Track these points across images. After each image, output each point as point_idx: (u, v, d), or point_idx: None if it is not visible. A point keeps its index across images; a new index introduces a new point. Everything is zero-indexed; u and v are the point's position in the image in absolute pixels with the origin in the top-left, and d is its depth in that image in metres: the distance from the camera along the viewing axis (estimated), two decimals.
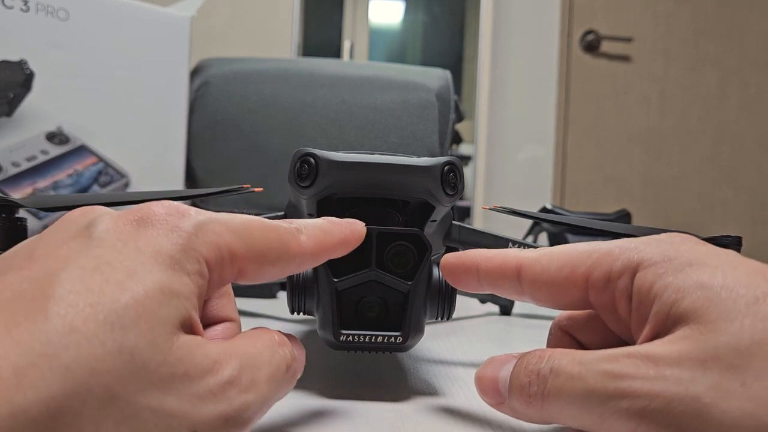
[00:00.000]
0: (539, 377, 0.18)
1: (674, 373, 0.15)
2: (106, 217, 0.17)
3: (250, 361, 0.17)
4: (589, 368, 0.17)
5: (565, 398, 0.17)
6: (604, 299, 0.19)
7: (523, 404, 0.18)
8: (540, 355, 0.18)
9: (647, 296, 0.18)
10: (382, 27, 2.04)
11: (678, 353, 0.16)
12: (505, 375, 0.19)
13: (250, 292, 0.52)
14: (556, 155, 1.72)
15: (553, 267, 0.20)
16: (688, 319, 0.16)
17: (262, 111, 0.61)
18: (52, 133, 0.49)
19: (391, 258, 0.24)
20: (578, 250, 0.20)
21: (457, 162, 0.25)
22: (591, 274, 0.19)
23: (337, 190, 0.25)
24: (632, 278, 0.18)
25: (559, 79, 1.72)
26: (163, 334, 0.15)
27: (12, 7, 0.46)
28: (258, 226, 0.19)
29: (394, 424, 0.22)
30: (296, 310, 0.25)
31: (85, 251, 0.16)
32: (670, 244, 0.18)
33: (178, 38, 0.55)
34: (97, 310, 0.14)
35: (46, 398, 0.12)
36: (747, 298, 0.16)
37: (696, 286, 0.16)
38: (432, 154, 0.59)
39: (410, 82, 0.62)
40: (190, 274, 0.16)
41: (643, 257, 0.18)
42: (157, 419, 0.14)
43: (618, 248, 0.19)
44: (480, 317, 0.50)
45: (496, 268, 0.21)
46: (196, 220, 0.17)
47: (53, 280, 0.14)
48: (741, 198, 1.77)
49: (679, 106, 1.75)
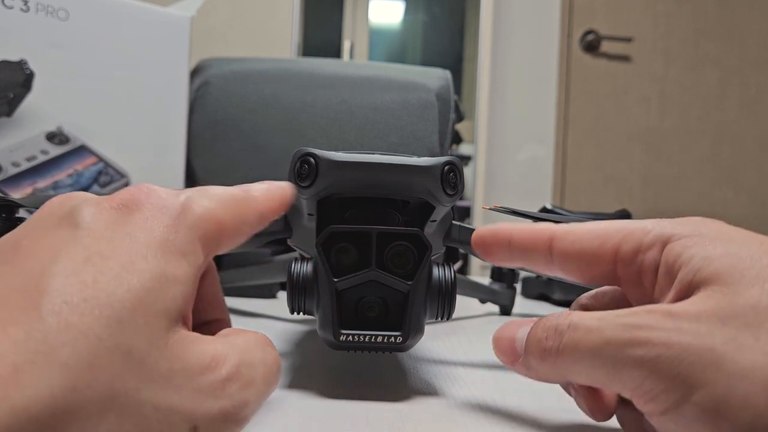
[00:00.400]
0: (557, 332, 0.18)
1: (692, 327, 0.16)
2: (89, 204, 0.17)
3: (247, 359, 0.17)
4: (608, 321, 0.17)
5: (581, 351, 0.17)
6: (630, 272, 0.20)
7: (538, 359, 0.19)
8: (560, 314, 0.19)
9: (674, 265, 0.18)
10: (382, 27, 2.04)
11: (698, 310, 0.16)
12: (522, 335, 0.20)
13: (250, 292, 0.52)
14: (556, 155, 1.72)
15: (585, 239, 0.21)
16: (712, 281, 0.17)
17: (262, 111, 0.61)
18: (52, 133, 0.49)
19: (391, 258, 0.24)
20: (610, 226, 0.21)
21: (457, 162, 0.25)
22: (621, 248, 0.20)
23: (337, 189, 0.25)
24: (662, 250, 0.19)
25: (559, 79, 1.72)
26: (159, 328, 0.15)
27: (12, 7, 0.46)
28: (233, 192, 0.19)
29: (394, 424, 0.22)
30: (296, 310, 0.25)
31: (74, 242, 0.15)
32: (701, 223, 0.19)
33: (178, 38, 0.55)
34: (92, 304, 0.14)
35: (46, 396, 0.12)
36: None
37: (722, 255, 0.17)
38: (432, 154, 0.59)
39: (410, 82, 0.62)
40: (186, 254, 0.16)
41: (675, 231, 0.19)
42: (159, 414, 0.14)
43: (651, 223, 0.20)
44: (480, 317, 0.50)
45: (528, 239, 0.22)
46: (181, 198, 0.17)
47: (45, 274, 0.14)
48: (741, 198, 1.77)
49: (679, 106, 1.75)
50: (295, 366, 0.30)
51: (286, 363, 0.31)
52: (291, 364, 0.31)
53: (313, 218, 0.27)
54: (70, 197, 0.17)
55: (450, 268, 0.26)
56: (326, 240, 0.24)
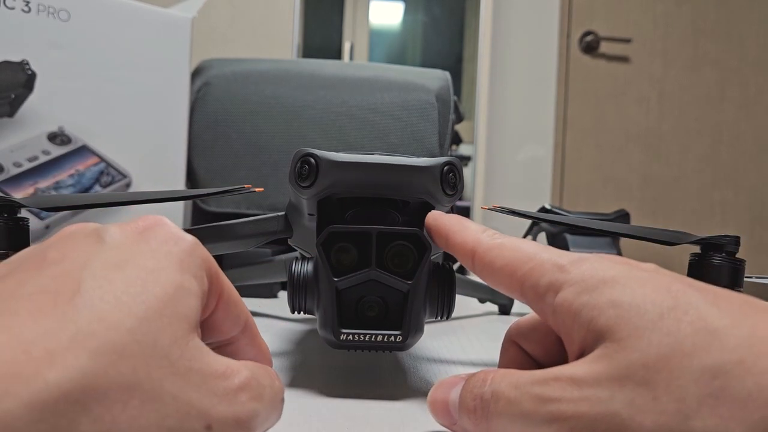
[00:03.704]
0: (483, 401, 0.19)
1: (595, 393, 0.16)
2: (112, 226, 0.18)
3: (257, 376, 0.18)
4: (523, 392, 0.18)
5: (507, 420, 0.18)
6: (536, 309, 0.21)
7: (473, 425, 0.19)
8: (483, 379, 0.19)
9: (568, 314, 0.19)
10: (382, 28, 2.04)
11: (597, 373, 0.17)
12: (454, 397, 0.20)
13: (250, 291, 0.52)
14: (555, 155, 1.72)
15: (498, 263, 0.21)
16: (604, 337, 0.17)
17: (263, 112, 0.61)
18: (54, 134, 0.49)
19: (390, 257, 0.25)
20: (522, 252, 0.21)
21: (456, 162, 0.26)
22: (524, 283, 0.20)
23: (337, 190, 0.25)
24: (555, 296, 0.19)
25: (558, 79, 1.72)
26: (182, 330, 0.16)
27: (13, 8, 0.47)
28: None
29: (394, 424, 0.22)
30: (297, 309, 0.26)
31: (102, 253, 0.16)
32: (591, 263, 0.19)
33: (179, 39, 0.55)
34: (122, 302, 0.15)
35: (78, 375, 0.13)
36: (653, 314, 0.17)
37: (609, 304, 0.18)
38: (432, 154, 0.60)
39: (410, 83, 0.62)
40: (196, 277, 0.18)
41: (566, 278, 0.19)
42: (177, 405, 0.15)
43: (549, 262, 0.20)
44: (479, 317, 0.50)
45: (458, 246, 0.23)
46: (191, 237, 0.19)
47: (77, 277, 0.15)
48: (741, 198, 1.77)
49: (678, 107, 1.75)
50: (296, 365, 0.31)
51: (286, 362, 0.31)
52: (291, 363, 0.31)
53: (314, 218, 0.27)
54: (87, 224, 0.19)
55: (449, 268, 0.26)
56: (326, 240, 0.24)
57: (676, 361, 0.16)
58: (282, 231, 0.32)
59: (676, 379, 0.15)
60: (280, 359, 0.32)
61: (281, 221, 0.31)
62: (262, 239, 0.31)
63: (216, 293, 0.19)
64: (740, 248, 0.30)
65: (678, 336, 0.16)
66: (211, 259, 0.19)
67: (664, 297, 0.17)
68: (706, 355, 0.15)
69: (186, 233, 0.19)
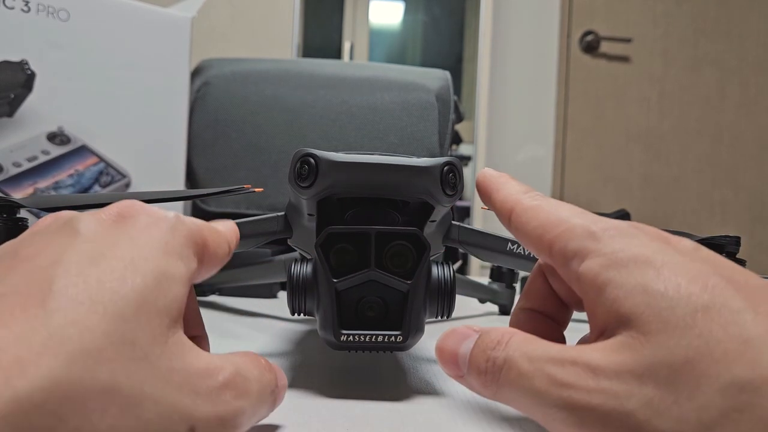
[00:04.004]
0: (495, 366, 0.18)
1: (611, 386, 0.15)
2: (85, 215, 0.17)
3: (242, 372, 0.17)
4: (537, 368, 0.17)
5: (516, 391, 0.17)
6: (563, 274, 0.20)
7: (480, 386, 0.19)
8: (498, 340, 0.18)
9: (592, 286, 0.18)
10: (382, 28, 2.04)
11: (616, 364, 0.16)
12: (464, 351, 0.19)
13: (250, 292, 0.52)
14: (555, 155, 1.72)
15: (531, 224, 0.20)
16: (629, 324, 0.16)
17: (263, 111, 0.61)
18: (53, 134, 0.49)
19: (390, 258, 0.25)
20: (556, 215, 0.20)
21: (456, 162, 0.25)
22: (552, 246, 0.20)
23: (337, 190, 0.25)
24: (581, 263, 0.18)
25: (558, 79, 1.72)
26: (161, 326, 0.15)
27: (13, 7, 0.47)
28: (205, 222, 0.20)
29: (394, 424, 0.22)
30: (296, 310, 0.25)
31: (76, 246, 0.16)
32: (625, 235, 0.18)
33: (178, 39, 0.55)
34: (96, 302, 0.14)
35: (50, 385, 0.12)
36: (686, 311, 0.15)
37: (638, 289, 0.16)
38: (432, 154, 0.60)
39: (410, 83, 0.62)
40: (182, 258, 0.17)
41: (595, 247, 0.18)
42: (159, 409, 0.14)
43: (581, 227, 0.19)
44: (479, 317, 0.50)
45: (497, 203, 0.22)
46: (172, 213, 0.18)
47: (49, 275, 0.14)
48: (741, 198, 1.77)
49: (679, 107, 1.75)
50: (295, 365, 0.31)
51: (286, 362, 0.31)
52: (291, 363, 0.31)
53: (313, 218, 0.27)
54: (60, 214, 0.18)
55: (449, 268, 0.26)
56: (325, 241, 0.24)
57: (704, 366, 0.15)
58: (282, 231, 0.31)
59: (702, 386, 0.14)
60: (280, 359, 0.32)
61: (281, 221, 0.31)
62: (261, 239, 0.31)
63: (209, 260, 0.19)
64: (740, 248, 0.30)
65: (709, 339, 0.15)
66: (196, 228, 0.18)
67: (700, 292, 0.16)
68: (736, 365, 0.14)
69: (165, 210, 0.18)
